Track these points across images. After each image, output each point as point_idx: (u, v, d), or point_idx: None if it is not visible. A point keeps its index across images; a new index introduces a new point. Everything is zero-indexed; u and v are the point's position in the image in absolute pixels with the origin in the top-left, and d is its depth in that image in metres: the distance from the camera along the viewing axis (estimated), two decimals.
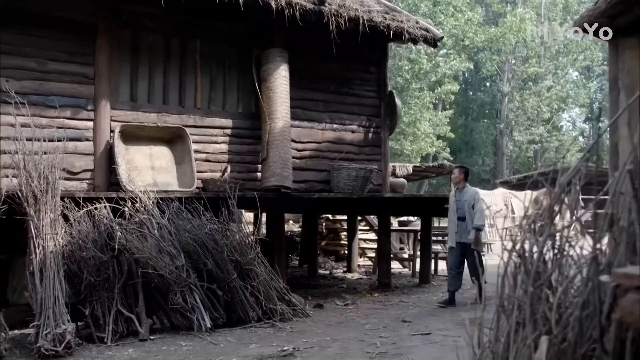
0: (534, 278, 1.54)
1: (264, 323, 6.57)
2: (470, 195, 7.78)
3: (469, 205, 7.67)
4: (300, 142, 8.64)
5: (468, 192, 7.83)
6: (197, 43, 7.98)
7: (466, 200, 7.73)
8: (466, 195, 7.79)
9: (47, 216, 5.78)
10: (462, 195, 7.83)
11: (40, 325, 5.39)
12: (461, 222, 7.74)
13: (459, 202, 7.81)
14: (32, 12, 6.77)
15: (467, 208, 7.67)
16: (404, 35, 8.68)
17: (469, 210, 7.65)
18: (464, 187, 7.89)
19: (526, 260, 1.57)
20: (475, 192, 7.86)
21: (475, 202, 7.66)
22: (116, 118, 7.23)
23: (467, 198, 7.74)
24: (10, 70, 6.63)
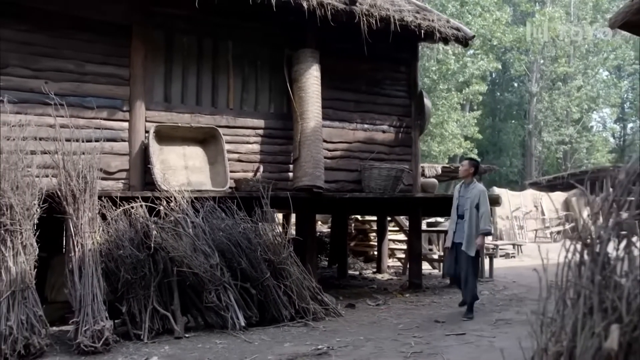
0: (602, 266, 1.51)
1: (296, 322, 6.58)
2: (476, 193, 7.04)
3: (472, 204, 6.97)
4: (332, 142, 8.65)
5: (474, 189, 7.10)
6: (229, 44, 8.05)
7: (470, 197, 7.03)
8: (472, 192, 7.08)
9: (86, 215, 5.89)
10: (467, 192, 7.14)
11: (79, 322, 5.49)
12: (460, 221, 7.10)
13: (462, 199, 7.15)
14: (71, 15, 6.90)
15: (470, 207, 6.99)
16: (435, 34, 8.64)
17: (471, 210, 6.98)
18: (471, 182, 7.20)
19: (593, 249, 1.55)
20: (481, 191, 7.09)
21: (480, 203, 6.95)
22: (151, 119, 7.32)
23: (471, 196, 7.03)
24: (50, 72, 6.77)
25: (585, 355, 1.37)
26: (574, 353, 1.43)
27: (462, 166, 7.50)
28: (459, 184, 7.41)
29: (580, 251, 1.55)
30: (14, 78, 6.50)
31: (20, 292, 5.30)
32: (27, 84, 6.62)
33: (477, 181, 7.31)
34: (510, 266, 13.06)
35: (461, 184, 7.34)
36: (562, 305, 1.54)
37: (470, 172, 7.21)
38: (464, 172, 7.29)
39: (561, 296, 1.56)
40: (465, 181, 7.25)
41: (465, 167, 7.32)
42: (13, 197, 5.43)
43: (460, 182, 7.42)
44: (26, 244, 5.49)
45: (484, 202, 6.95)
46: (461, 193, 7.21)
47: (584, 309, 1.44)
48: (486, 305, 7.84)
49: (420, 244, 9.82)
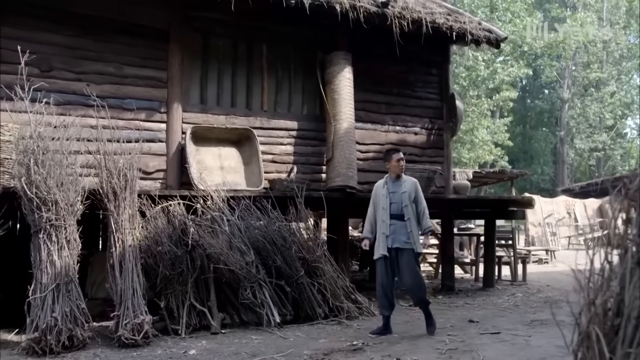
0: None
1: (330, 320, 6.63)
2: (411, 186, 6.02)
3: (410, 199, 5.97)
4: (364, 143, 8.72)
5: (407, 182, 6.07)
6: (263, 47, 8.20)
7: (406, 192, 5.98)
8: (405, 185, 6.03)
9: (126, 212, 6.05)
10: (399, 187, 6.05)
11: (120, 316, 5.63)
12: (396, 222, 5.96)
13: (394, 195, 6.03)
14: (112, 19, 7.13)
15: (408, 202, 5.96)
16: (467, 36, 8.68)
17: (410, 205, 5.96)
18: (401, 175, 6.15)
19: None
20: (415, 183, 6.10)
21: (417, 197, 6.02)
22: (187, 120, 7.49)
23: (407, 189, 5.99)
24: (92, 75, 7.00)
25: (633, 306, 1.40)
26: (621, 306, 1.46)
27: (398, 155, 6.12)
28: (383, 180, 6.25)
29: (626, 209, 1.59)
30: (58, 81, 6.74)
31: (64, 285, 5.46)
32: (71, 87, 6.85)
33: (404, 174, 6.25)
34: (543, 271, 12.92)
35: (386, 179, 6.19)
36: (607, 263, 1.58)
37: (403, 165, 6.19)
38: (400, 165, 6.11)
39: (607, 253, 1.59)
40: (391, 176, 6.16)
41: (402, 160, 6.14)
42: (58, 194, 5.61)
43: (385, 177, 6.24)
44: (70, 239, 5.66)
45: (421, 196, 6.06)
46: (391, 189, 6.08)
47: (632, 264, 1.48)
48: (520, 307, 7.79)
49: (452, 246, 9.80)
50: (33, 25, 6.69)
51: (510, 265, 10.87)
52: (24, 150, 5.72)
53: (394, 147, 6.93)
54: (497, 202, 10.09)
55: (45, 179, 5.58)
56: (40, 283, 5.43)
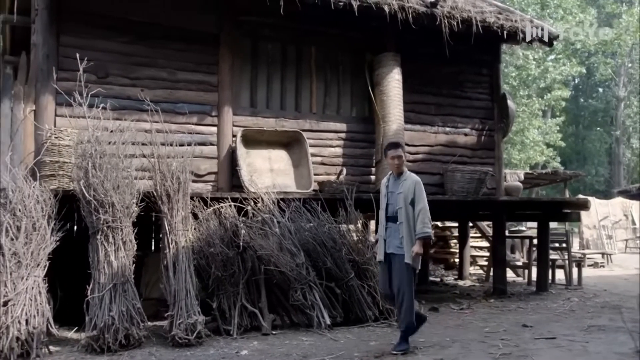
0: None
1: (380, 323, 6.61)
2: (409, 186, 5.40)
3: (406, 201, 5.36)
4: (413, 145, 8.65)
5: (407, 180, 5.46)
6: (312, 50, 8.25)
7: (402, 192, 5.40)
8: (404, 185, 5.43)
9: (179, 214, 6.17)
10: (398, 186, 5.47)
11: (173, 316, 5.75)
12: (392, 225, 5.47)
13: (392, 196, 5.51)
14: (166, 26, 7.29)
15: (404, 204, 5.37)
16: (518, 34, 8.52)
17: (406, 208, 5.36)
18: (402, 173, 5.55)
19: None
20: (415, 182, 5.42)
21: (416, 198, 5.37)
22: (237, 123, 7.59)
23: (404, 190, 5.40)
24: (146, 81, 7.17)
25: None
26: None
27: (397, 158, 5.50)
28: (386, 177, 5.75)
29: None
30: (114, 86, 6.93)
31: (120, 285, 5.62)
32: (125, 92, 7.04)
33: (407, 171, 5.65)
34: (599, 275, 12.56)
35: (389, 176, 5.68)
36: None
37: (405, 159, 5.69)
38: (401, 162, 5.53)
39: None
40: (396, 173, 5.60)
41: (403, 157, 5.55)
42: (114, 196, 5.77)
43: (388, 174, 5.74)
44: (126, 240, 5.82)
45: (420, 197, 5.37)
46: (390, 188, 5.57)
47: None
48: (576, 312, 7.58)
49: (504, 249, 9.62)
50: (90, 33, 6.90)
51: (565, 269, 10.59)
52: (83, 154, 5.91)
53: (394, 141, 6.20)
54: (550, 204, 9.85)
55: (102, 181, 5.76)
56: (98, 283, 5.60)
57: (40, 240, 5.65)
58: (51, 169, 6.21)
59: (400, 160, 5.53)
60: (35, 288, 5.47)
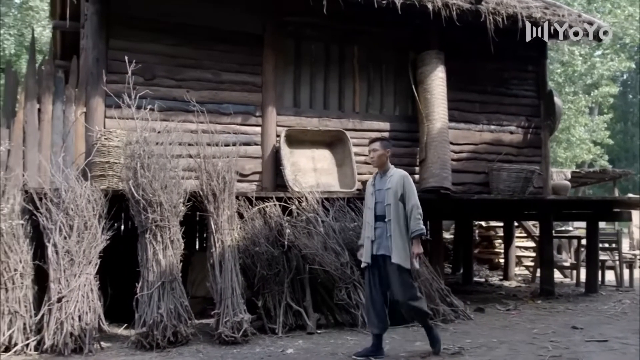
0: None
1: None
2: (397, 181, 5.10)
3: (396, 196, 5.06)
4: (457, 144, 8.55)
5: (393, 176, 5.17)
6: (355, 49, 8.22)
7: (391, 188, 5.09)
8: (391, 181, 5.14)
9: (225, 213, 6.24)
10: (385, 182, 5.19)
11: (220, 314, 5.83)
12: (381, 224, 5.14)
13: (379, 193, 5.20)
14: (211, 27, 7.38)
15: (393, 200, 5.06)
16: (566, 30, 8.31)
17: (396, 205, 5.05)
18: (388, 169, 5.29)
19: None
20: (403, 176, 5.15)
21: (406, 193, 5.06)
22: (281, 123, 7.64)
23: (392, 185, 5.10)
24: (191, 82, 7.27)
25: None
26: None
27: (372, 151, 5.29)
28: (372, 176, 5.52)
29: None
30: (160, 88, 7.05)
31: (168, 283, 5.72)
32: (172, 93, 7.15)
33: (393, 167, 5.40)
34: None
35: (375, 175, 5.44)
36: None
37: (387, 155, 5.31)
38: (379, 158, 5.27)
39: None
40: (380, 170, 5.35)
41: (378, 151, 5.26)
42: (162, 196, 5.88)
43: (375, 173, 5.49)
44: (173, 239, 5.92)
45: (410, 192, 5.07)
46: (377, 186, 5.27)
47: None
48: (629, 314, 7.37)
49: (551, 249, 9.42)
50: (138, 36, 7.04)
51: (615, 270, 10.30)
52: (131, 155, 6.04)
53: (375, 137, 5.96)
54: (601, 203, 9.57)
55: (150, 181, 5.87)
56: (147, 281, 5.72)
57: (91, 238, 5.81)
58: (101, 169, 6.36)
59: (375, 154, 5.26)
60: (87, 285, 5.63)
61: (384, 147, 5.29)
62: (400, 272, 5.02)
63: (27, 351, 5.38)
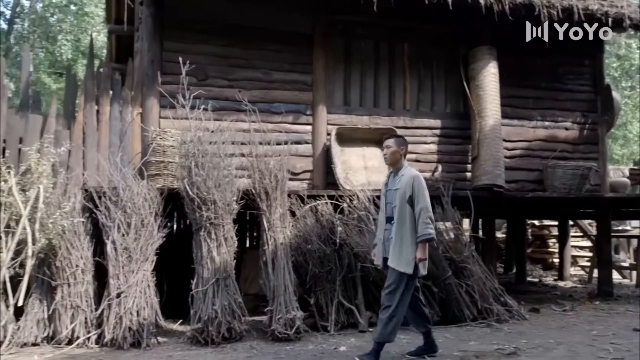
0: None
1: (479, 322, 6.47)
2: (406, 181, 4.81)
3: (403, 198, 4.77)
4: (510, 141, 8.38)
5: (404, 176, 4.88)
6: (405, 46, 8.17)
7: (399, 189, 4.83)
8: (401, 181, 4.86)
9: (277, 211, 6.29)
10: (396, 182, 4.94)
11: (273, 311, 5.88)
12: (389, 226, 4.93)
13: (389, 193, 4.99)
14: (261, 28, 7.47)
15: (399, 202, 4.79)
16: (625, 21, 8.03)
17: (401, 206, 4.77)
18: (400, 168, 5.00)
19: None
20: (413, 177, 4.82)
21: (415, 195, 4.75)
22: (332, 121, 7.66)
23: (401, 186, 4.83)
24: (243, 82, 7.37)
25: None
26: None
27: (386, 148, 5.04)
28: (387, 175, 5.24)
29: None
30: (213, 88, 7.17)
31: (222, 280, 5.81)
32: (224, 93, 7.26)
33: (408, 165, 5.10)
34: None
35: (389, 174, 5.18)
36: None
37: (401, 153, 5.02)
38: (392, 155, 5.01)
39: None
40: (393, 168, 5.09)
41: (392, 147, 5.00)
42: (216, 194, 5.97)
43: (389, 172, 5.21)
44: (227, 236, 6.01)
45: (420, 194, 4.75)
46: (389, 185, 5.05)
47: None
48: None
49: (609, 249, 9.13)
50: (191, 38, 7.18)
51: None
52: (186, 154, 6.16)
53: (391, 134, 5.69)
54: None
55: (204, 180, 5.97)
56: (202, 278, 5.82)
57: (148, 236, 5.96)
58: (157, 168, 6.51)
59: (389, 151, 5.01)
60: (144, 281, 5.78)
61: (399, 144, 5.03)
62: (400, 277, 4.73)
63: (88, 344, 5.56)
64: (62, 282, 5.75)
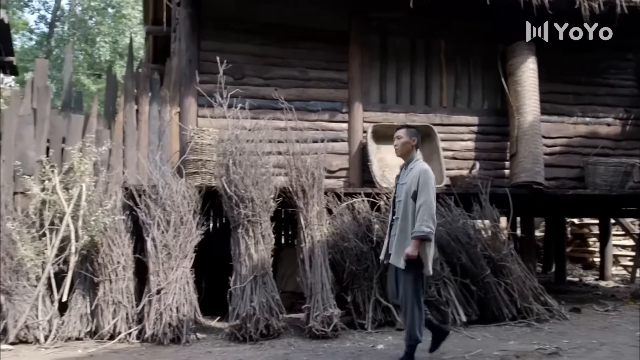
0: None
1: (518, 322, 6.38)
2: (414, 175, 4.58)
3: (408, 193, 4.57)
4: (550, 137, 8.21)
5: (413, 170, 4.65)
6: (441, 43, 8.08)
7: (406, 183, 4.63)
8: (409, 175, 4.65)
9: (314, 209, 6.30)
10: (404, 176, 4.74)
11: (310, 308, 5.90)
12: (395, 222, 4.76)
13: (399, 187, 4.79)
14: (297, 26, 7.47)
15: (404, 197, 4.60)
16: None
17: (406, 201, 4.58)
18: (411, 161, 4.77)
19: None
20: (420, 171, 4.57)
21: (419, 189, 4.52)
22: (368, 119, 7.62)
23: (408, 180, 4.62)
24: (278, 80, 7.39)
25: None
26: None
27: (397, 139, 4.83)
28: (400, 168, 4.98)
29: None
30: (249, 87, 7.21)
31: (260, 277, 5.84)
32: (260, 92, 7.30)
33: (420, 158, 4.89)
34: None
35: (402, 167, 4.92)
36: None
37: (413, 144, 4.79)
38: (403, 146, 4.79)
39: None
40: (405, 160, 4.85)
41: (403, 138, 4.80)
42: (254, 192, 6.01)
43: (401, 165, 4.95)
44: (265, 234, 6.05)
45: (424, 188, 4.50)
46: (400, 179, 4.83)
47: None
48: None
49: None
50: (227, 37, 7.24)
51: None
52: (223, 152, 6.21)
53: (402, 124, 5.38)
54: None
55: (242, 178, 6.02)
56: (240, 275, 5.87)
57: (187, 233, 6.04)
58: (195, 166, 6.59)
59: (399, 142, 4.79)
60: (183, 278, 5.86)
61: (410, 135, 4.80)
62: (407, 274, 4.54)
63: (130, 339, 5.66)
64: (104, 278, 5.87)
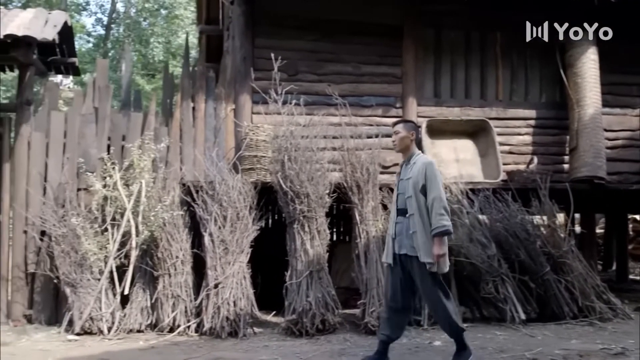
0: None
1: (580, 321, 6.22)
2: (419, 169, 4.37)
3: (416, 188, 4.35)
4: (612, 130, 7.93)
5: (416, 164, 4.44)
6: (497, 35, 7.90)
7: (411, 178, 4.40)
8: (413, 169, 4.44)
9: (369, 204, 6.30)
10: (408, 171, 4.52)
11: (365, 304, 5.89)
12: (402, 219, 4.47)
13: (401, 183, 4.56)
14: (349, 21, 7.43)
15: (413, 192, 4.37)
16: None
17: (416, 196, 4.35)
18: (412, 156, 4.57)
19: None
20: (426, 164, 4.38)
21: (428, 183, 4.31)
22: (422, 114, 7.53)
23: (413, 174, 4.40)
24: (332, 76, 7.38)
25: None
26: None
27: (395, 134, 4.63)
28: (400, 164, 4.78)
29: None
30: (303, 83, 7.22)
31: (316, 273, 5.87)
32: (314, 88, 7.30)
33: (420, 152, 4.64)
34: None
35: (402, 163, 4.71)
36: None
37: (411, 139, 4.58)
38: (401, 141, 4.58)
39: None
40: (404, 156, 4.66)
41: (400, 133, 4.58)
42: (309, 187, 6.04)
43: (402, 161, 4.73)
44: (320, 229, 6.07)
45: (432, 182, 4.30)
46: (401, 175, 4.63)
47: None
48: None
49: None
50: (281, 34, 7.27)
51: None
52: (278, 148, 6.27)
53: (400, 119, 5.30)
54: None
55: (297, 173, 6.06)
56: (296, 270, 5.91)
57: (243, 228, 6.11)
58: (250, 162, 6.66)
59: (397, 137, 4.60)
60: (240, 273, 5.94)
61: (408, 129, 4.60)
62: (430, 273, 4.31)
63: (188, 332, 5.79)
64: (163, 272, 6.01)
